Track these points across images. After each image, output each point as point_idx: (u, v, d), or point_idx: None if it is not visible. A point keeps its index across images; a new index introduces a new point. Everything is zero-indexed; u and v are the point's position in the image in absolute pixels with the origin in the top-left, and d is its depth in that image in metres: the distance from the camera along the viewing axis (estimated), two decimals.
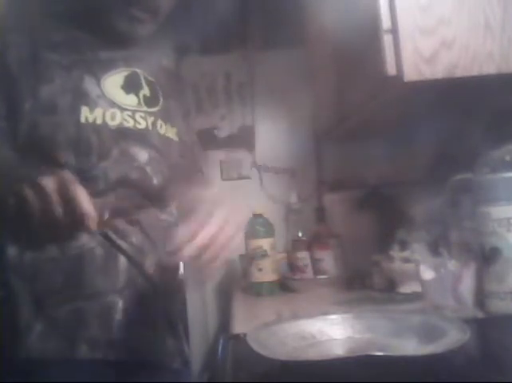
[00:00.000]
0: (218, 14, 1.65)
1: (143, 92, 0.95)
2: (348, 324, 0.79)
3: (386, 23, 0.88)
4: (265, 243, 1.44)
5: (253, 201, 1.77)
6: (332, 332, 0.79)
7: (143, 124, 0.93)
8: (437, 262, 0.92)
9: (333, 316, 0.81)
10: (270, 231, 1.47)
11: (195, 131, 1.87)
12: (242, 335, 0.82)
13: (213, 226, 0.75)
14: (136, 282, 0.89)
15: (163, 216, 0.96)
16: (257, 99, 1.95)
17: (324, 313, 0.83)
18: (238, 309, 1.32)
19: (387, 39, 0.88)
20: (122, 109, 0.90)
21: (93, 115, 0.86)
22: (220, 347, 0.91)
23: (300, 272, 1.63)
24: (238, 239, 0.80)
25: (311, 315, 0.83)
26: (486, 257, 0.87)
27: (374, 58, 0.92)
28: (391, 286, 1.19)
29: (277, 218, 1.74)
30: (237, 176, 1.96)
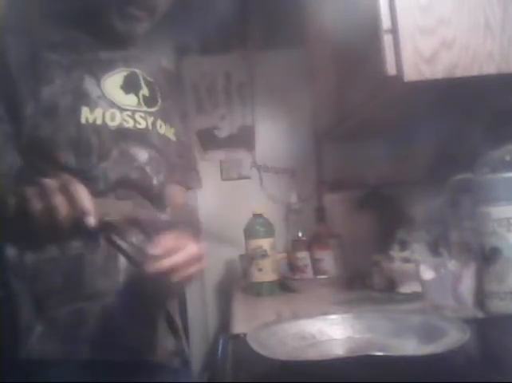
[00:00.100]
0: (218, 14, 1.65)
1: (142, 92, 0.95)
2: (348, 324, 0.79)
3: (386, 23, 0.88)
4: (265, 243, 1.44)
5: (253, 201, 1.77)
6: (332, 332, 0.79)
7: (143, 124, 0.93)
8: (437, 262, 0.92)
9: (333, 316, 0.81)
10: (270, 231, 1.47)
11: (195, 131, 1.89)
12: (242, 335, 0.82)
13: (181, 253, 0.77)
14: (136, 282, 0.89)
15: (163, 216, 0.96)
16: (257, 99, 1.95)
17: (324, 313, 0.84)
18: (238, 309, 1.32)
19: (387, 39, 0.88)
20: (122, 110, 0.90)
21: (93, 115, 0.86)
22: (220, 347, 0.91)
23: (300, 272, 1.63)
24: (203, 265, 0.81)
25: (311, 315, 0.83)
26: (486, 257, 0.87)
27: (374, 58, 0.92)
28: (391, 286, 1.19)
29: (277, 218, 1.74)
30: (237, 176, 1.96)
